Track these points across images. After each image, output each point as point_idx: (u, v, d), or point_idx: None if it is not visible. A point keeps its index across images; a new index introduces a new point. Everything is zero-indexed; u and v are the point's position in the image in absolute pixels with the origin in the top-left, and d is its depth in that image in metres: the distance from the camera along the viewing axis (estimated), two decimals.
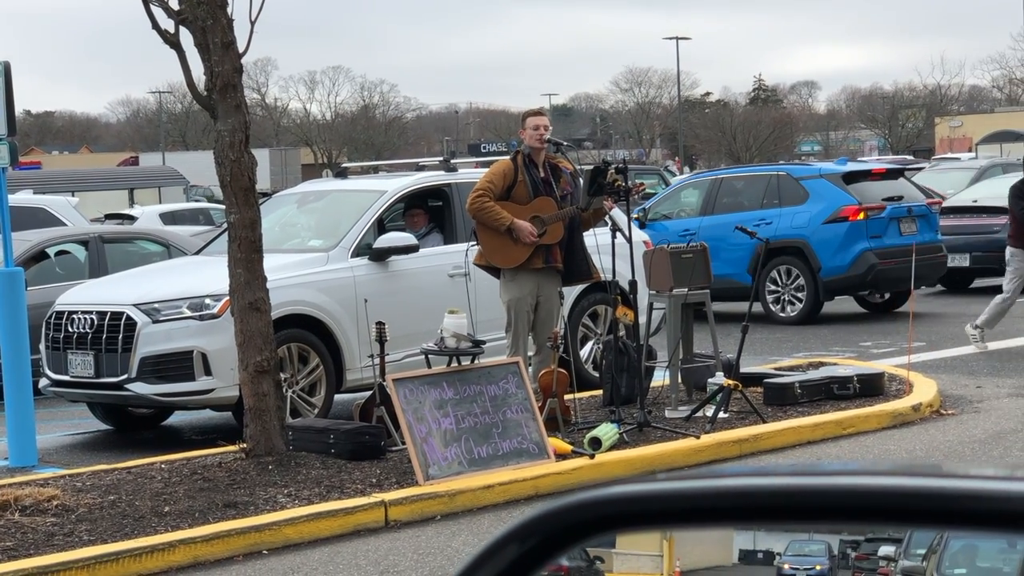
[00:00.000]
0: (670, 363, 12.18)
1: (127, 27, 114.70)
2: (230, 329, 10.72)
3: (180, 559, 8.50)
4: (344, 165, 16.35)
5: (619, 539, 3.55)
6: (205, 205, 37.67)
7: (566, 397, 11.47)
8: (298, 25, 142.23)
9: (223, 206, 11.67)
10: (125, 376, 12.14)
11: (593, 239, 11.67)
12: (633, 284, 11.56)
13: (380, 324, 11.01)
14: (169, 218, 31.82)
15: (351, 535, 9.08)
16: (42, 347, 12.81)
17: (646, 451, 10.71)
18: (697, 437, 11.01)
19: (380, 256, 12.84)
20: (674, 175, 41.00)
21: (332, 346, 12.47)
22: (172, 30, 10.60)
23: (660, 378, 12.74)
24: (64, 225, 18.88)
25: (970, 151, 57.73)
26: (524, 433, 10.23)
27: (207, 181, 50.98)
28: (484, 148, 73.40)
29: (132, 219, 30.60)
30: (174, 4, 10.59)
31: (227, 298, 10.94)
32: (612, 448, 10.57)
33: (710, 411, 11.50)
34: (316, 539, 8.96)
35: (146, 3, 10.65)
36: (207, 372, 11.98)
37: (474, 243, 12.08)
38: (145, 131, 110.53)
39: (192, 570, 8.48)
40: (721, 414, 11.50)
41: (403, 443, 10.17)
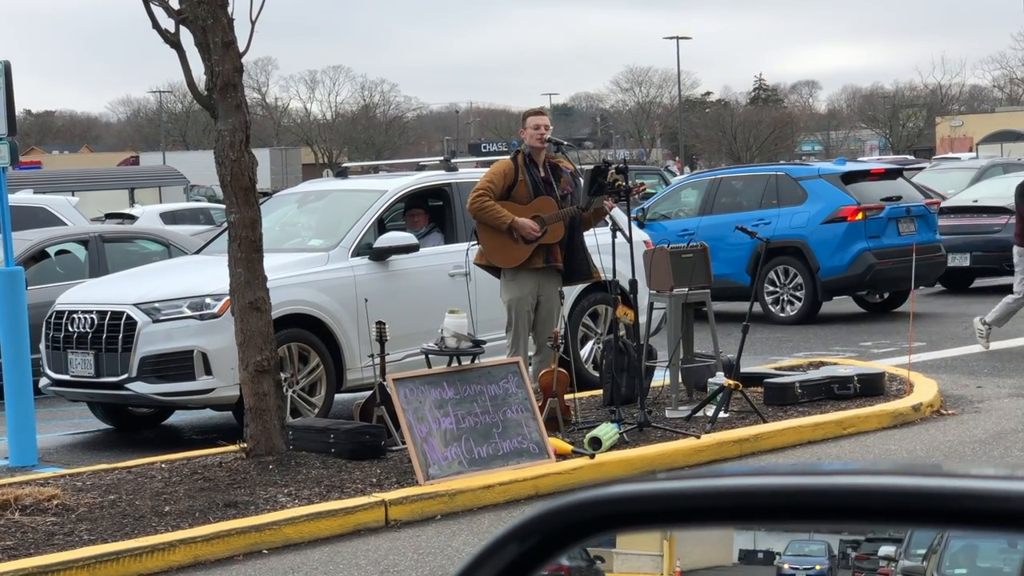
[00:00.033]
0: (670, 363, 12.18)
1: (127, 26, 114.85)
2: (230, 328, 10.72)
3: (180, 559, 8.50)
4: (344, 165, 16.35)
5: (619, 539, 3.55)
6: (205, 205, 37.66)
7: (566, 397, 11.47)
8: (299, 24, 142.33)
9: (223, 206, 11.67)
10: (125, 375, 12.14)
11: (593, 239, 11.67)
12: (633, 284, 11.56)
13: (380, 324, 11.01)
14: (169, 218, 31.82)
15: (351, 535, 9.08)
16: (42, 346, 12.82)
17: (646, 451, 10.71)
18: (697, 437, 11.01)
19: (380, 256, 12.84)
20: (674, 175, 40.99)
21: (332, 346, 12.46)
22: (172, 29, 10.60)
23: (660, 378, 12.74)
24: (64, 225, 18.89)
25: (971, 151, 57.75)
26: (524, 433, 10.24)
27: (208, 181, 51.03)
28: (484, 148, 73.34)
29: (132, 219, 30.60)
30: (174, 3, 10.59)
31: (227, 297, 10.94)
32: (612, 448, 10.57)
33: (710, 411, 11.50)
34: (316, 539, 8.96)
35: (146, 2, 10.65)
36: (207, 372, 11.98)
37: (475, 243, 12.08)
38: (145, 131, 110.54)
39: (192, 570, 8.48)
40: (721, 414, 11.50)
41: (403, 443, 10.17)
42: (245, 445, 10.39)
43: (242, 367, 10.45)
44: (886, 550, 3.44)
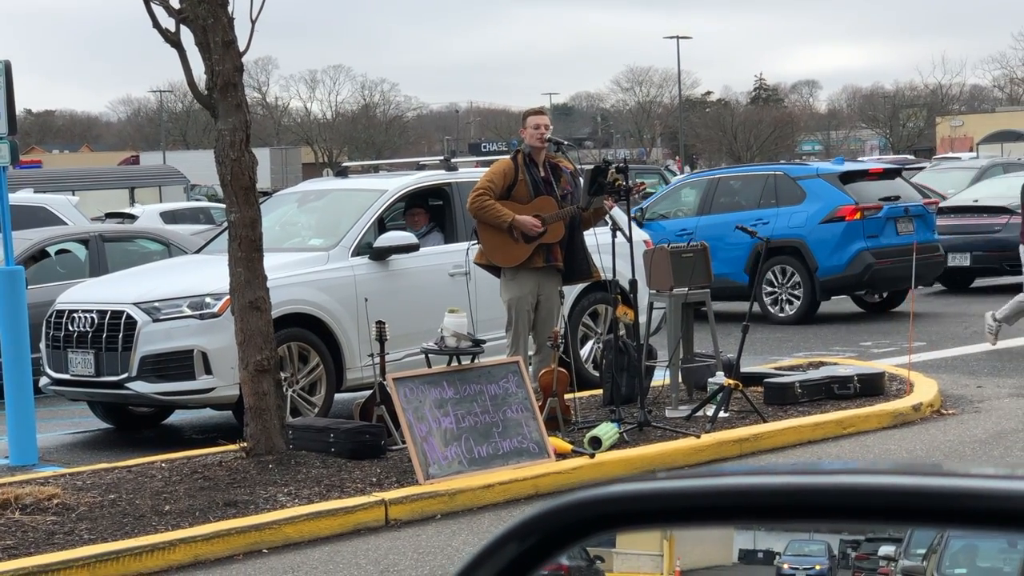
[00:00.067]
0: (670, 362, 12.17)
1: (128, 26, 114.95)
2: (230, 328, 10.72)
3: (180, 558, 8.50)
4: (345, 164, 16.35)
5: (619, 538, 3.55)
6: (205, 204, 37.64)
7: (566, 396, 11.47)
8: (299, 24, 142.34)
9: (223, 205, 11.67)
10: (125, 375, 12.14)
11: (593, 238, 11.67)
12: (633, 283, 11.55)
13: (380, 323, 11.01)
14: (169, 217, 31.80)
15: (351, 534, 9.08)
16: (42, 346, 12.82)
17: (646, 450, 10.71)
18: (697, 436, 11.01)
19: (380, 255, 12.83)
20: (675, 174, 40.95)
21: (332, 345, 12.46)
22: (173, 29, 10.60)
23: (660, 377, 12.74)
24: (64, 224, 18.89)
25: (971, 151, 57.77)
26: (524, 432, 10.24)
27: (208, 180, 51.05)
28: (484, 147, 73.33)
29: (132, 218, 30.59)
30: (175, 3, 10.59)
31: (227, 297, 10.94)
32: (612, 447, 10.57)
33: (710, 410, 11.50)
34: (316, 538, 8.96)
35: (147, 2, 10.65)
36: (207, 371, 11.98)
37: (475, 242, 12.08)
38: (146, 130, 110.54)
39: (192, 569, 8.48)
40: (721, 413, 11.50)
41: (403, 442, 10.17)
42: (245, 444, 10.39)
43: (242, 366, 10.45)
44: (886, 550, 3.44)
